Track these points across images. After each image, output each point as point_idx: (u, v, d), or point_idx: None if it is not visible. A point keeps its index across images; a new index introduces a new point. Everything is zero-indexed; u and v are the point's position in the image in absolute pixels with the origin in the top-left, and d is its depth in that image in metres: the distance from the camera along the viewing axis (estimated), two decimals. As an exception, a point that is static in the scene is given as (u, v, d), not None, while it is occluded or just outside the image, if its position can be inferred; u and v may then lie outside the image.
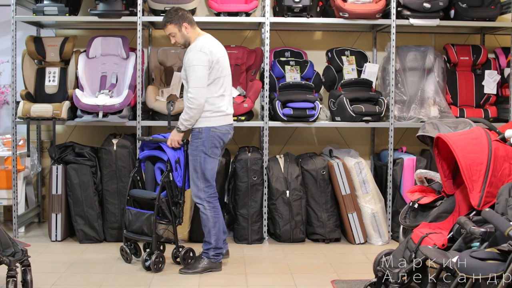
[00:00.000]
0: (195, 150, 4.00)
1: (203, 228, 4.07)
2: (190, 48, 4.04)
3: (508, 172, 3.05)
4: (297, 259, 4.42)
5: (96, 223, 4.74)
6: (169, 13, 4.09)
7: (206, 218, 4.03)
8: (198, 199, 4.04)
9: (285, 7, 4.86)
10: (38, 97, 4.98)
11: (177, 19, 4.04)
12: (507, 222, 2.52)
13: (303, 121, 4.88)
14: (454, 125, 3.70)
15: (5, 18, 5.25)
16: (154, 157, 4.28)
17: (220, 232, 4.06)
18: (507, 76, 5.17)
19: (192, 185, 4.06)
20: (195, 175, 4.01)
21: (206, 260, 4.05)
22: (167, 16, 4.08)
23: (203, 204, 4.03)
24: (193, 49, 4.00)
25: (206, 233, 4.05)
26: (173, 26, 4.05)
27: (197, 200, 4.05)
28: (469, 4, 5.03)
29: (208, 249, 4.06)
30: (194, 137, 4.02)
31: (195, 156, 4.00)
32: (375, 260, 3.49)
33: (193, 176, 4.03)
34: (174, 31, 4.06)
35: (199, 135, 3.99)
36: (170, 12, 4.09)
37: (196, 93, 3.92)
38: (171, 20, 4.05)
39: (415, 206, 3.53)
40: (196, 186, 4.02)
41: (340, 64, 5.19)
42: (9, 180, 4.88)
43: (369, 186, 4.82)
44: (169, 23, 4.05)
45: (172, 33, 4.08)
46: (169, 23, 4.05)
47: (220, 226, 4.06)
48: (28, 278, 3.26)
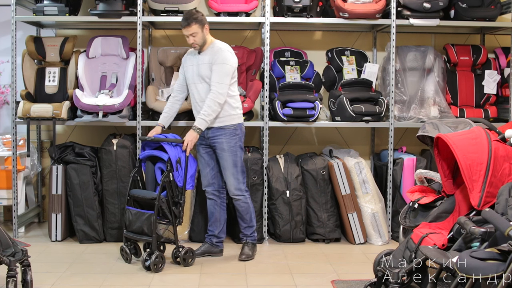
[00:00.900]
0: (233, 147, 4.25)
1: (245, 216, 4.37)
2: (219, 48, 4.20)
3: (508, 172, 3.05)
4: (297, 259, 4.42)
5: (96, 223, 4.74)
6: (192, 13, 4.17)
7: (247, 206, 4.37)
8: (239, 191, 4.31)
9: (285, 7, 4.86)
10: (38, 97, 4.98)
11: (201, 20, 4.16)
12: (507, 222, 2.52)
13: (303, 121, 4.88)
14: (454, 125, 3.70)
15: (5, 18, 5.25)
16: (155, 157, 4.28)
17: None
18: (507, 76, 5.18)
19: (232, 181, 4.28)
20: (235, 170, 4.27)
21: (253, 243, 4.44)
22: (191, 16, 4.15)
23: (244, 195, 4.35)
24: (224, 49, 4.22)
25: (249, 220, 4.39)
26: (197, 26, 4.14)
27: (237, 193, 4.31)
28: (469, 4, 5.03)
29: (252, 232, 4.43)
30: (230, 135, 4.23)
31: (234, 152, 4.26)
32: (375, 260, 3.49)
33: (233, 172, 4.27)
34: (197, 31, 4.15)
35: (235, 131, 4.26)
36: (193, 12, 4.19)
37: (223, 89, 4.16)
38: (196, 20, 4.13)
39: (415, 206, 3.53)
40: (237, 180, 4.29)
41: (340, 64, 5.19)
42: (9, 180, 4.88)
43: (369, 186, 4.82)
44: (194, 23, 4.12)
45: (194, 33, 4.15)
46: (194, 22, 4.12)
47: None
48: (28, 278, 3.26)
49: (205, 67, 4.21)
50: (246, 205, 4.36)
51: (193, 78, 4.30)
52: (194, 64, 4.30)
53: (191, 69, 4.32)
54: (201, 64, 4.24)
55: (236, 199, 4.33)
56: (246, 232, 4.42)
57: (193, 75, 4.30)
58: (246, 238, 4.43)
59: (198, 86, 4.27)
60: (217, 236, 4.43)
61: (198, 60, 4.27)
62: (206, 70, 4.20)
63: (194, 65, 4.30)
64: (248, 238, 4.43)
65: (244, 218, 4.39)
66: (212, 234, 4.43)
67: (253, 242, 4.44)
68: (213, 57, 4.18)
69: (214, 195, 4.41)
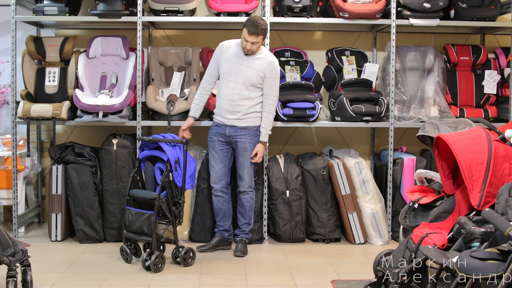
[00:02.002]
0: (254, 146, 4.45)
1: (248, 212, 4.53)
2: (272, 62, 4.40)
3: (508, 172, 3.05)
4: (297, 259, 4.42)
5: (96, 223, 4.74)
6: (262, 24, 4.27)
7: (252, 203, 4.56)
8: (250, 188, 4.52)
9: (285, 7, 4.86)
10: (38, 97, 4.98)
11: (266, 33, 4.33)
12: (507, 222, 2.52)
13: (303, 121, 4.88)
14: (454, 125, 3.70)
15: (5, 18, 5.25)
16: (154, 157, 4.28)
17: None
18: (507, 76, 5.17)
19: (248, 178, 4.47)
20: (252, 169, 4.51)
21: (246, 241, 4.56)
22: (261, 25, 4.24)
23: (253, 191, 4.55)
24: (276, 62, 4.45)
25: (249, 217, 4.55)
26: (262, 38, 4.30)
27: (249, 190, 4.50)
28: (469, 4, 5.03)
29: (250, 230, 4.59)
30: (253, 135, 4.44)
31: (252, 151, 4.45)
32: (375, 260, 3.49)
33: (250, 170, 4.48)
34: (259, 41, 4.30)
35: (257, 132, 4.46)
36: (262, 23, 4.28)
37: (277, 102, 4.52)
38: (263, 32, 4.28)
39: (415, 206, 3.53)
40: (251, 178, 4.51)
41: (340, 64, 5.19)
42: (9, 180, 4.88)
43: (369, 186, 4.82)
44: (263, 34, 4.27)
45: (256, 42, 4.28)
46: (262, 34, 4.27)
47: None
48: (28, 278, 3.26)
49: (253, 73, 4.34)
50: (252, 201, 4.54)
51: (230, 75, 4.38)
52: (237, 62, 4.37)
53: (230, 66, 4.38)
54: (247, 67, 4.34)
55: (246, 193, 4.49)
56: (245, 228, 4.55)
57: (230, 71, 4.38)
58: (242, 235, 4.54)
59: (234, 86, 4.36)
60: (227, 230, 4.56)
61: (245, 62, 4.36)
62: (253, 76, 4.34)
63: (236, 63, 4.37)
64: (245, 235, 4.55)
65: (246, 215, 4.52)
66: (224, 229, 4.55)
67: (247, 240, 4.57)
68: (268, 69, 4.35)
69: (223, 192, 4.50)
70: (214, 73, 4.50)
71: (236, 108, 4.38)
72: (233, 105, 4.38)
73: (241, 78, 4.35)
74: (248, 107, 4.39)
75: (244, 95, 4.37)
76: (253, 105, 4.40)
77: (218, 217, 4.56)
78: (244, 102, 4.38)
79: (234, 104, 4.38)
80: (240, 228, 4.56)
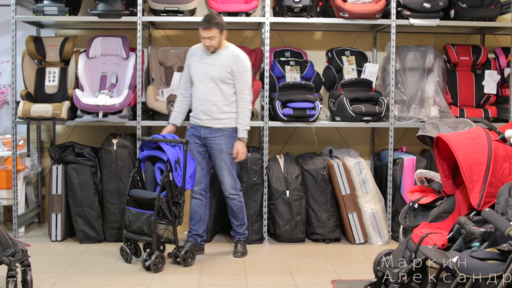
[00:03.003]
0: (231, 148, 4.32)
1: (238, 215, 4.45)
2: (238, 55, 4.29)
3: (508, 172, 3.05)
4: (297, 259, 4.42)
5: (96, 223, 4.74)
6: (214, 17, 4.21)
7: (241, 205, 4.46)
8: (235, 190, 4.40)
9: (285, 7, 4.86)
10: (38, 97, 4.98)
11: (221, 25, 4.22)
12: (507, 222, 2.52)
13: (303, 121, 4.88)
14: (454, 125, 3.70)
15: (5, 18, 5.25)
16: (154, 157, 4.28)
17: None
18: (507, 76, 5.17)
19: (229, 181, 4.36)
20: (233, 170, 4.37)
21: (245, 240, 4.53)
22: (213, 19, 4.19)
23: (239, 194, 4.45)
24: (242, 56, 4.31)
25: (241, 218, 4.48)
26: (217, 31, 4.20)
27: (233, 192, 4.39)
28: (469, 4, 5.03)
29: (244, 230, 4.52)
30: (228, 136, 4.31)
31: (231, 153, 4.32)
32: (375, 260, 3.49)
33: (231, 172, 4.36)
34: (215, 35, 4.20)
35: (233, 134, 4.33)
36: (214, 16, 4.23)
37: (251, 95, 4.35)
38: (217, 25, 4.18)
39: (415, 206, 3.53)
40: (233, 180, 4.39)
41: (340, 64, 5.19)
42: (9, 180, 4.88)
43: (369, 186, 4.82)
44: (215, 27, 4.17)
45: (212, 36, 4.19)
46: (214, 27, 4.17)
47: None
48: (28, 278, 3.26)
49: (219, 69, 4.26)
50: (240, 204, 4.45)
51: (198, 75, 4.32)
52: (203, 62, 4.32)
53: (198, 66, 4.33)
54: (213, 64, 4.28)
55: (231, 198, 4.39)
56: (239, 230, 4.50)
57: (199, 72, 4.32)
58: (239, 236, 4.51)
59: (204, 85, 4.30)
60: (200, 236, 4.44)
61: (210, 60, 4.30)
62: (220, 72, 4.25)
63: (203, 63, 4.31)
64: (241, 236, 4.51)
65: (237, 217, 4.46)
66: (196, 233, 4.43)
67: (244, 239, 4.54)
68: (233, 63, 4.25)
69: (201, 195, 4.41)
70: (187, 78, 4.43)
71: (209, 108, 4.28)
72: (206, 105, 4.28)
73: (210, 76, 4.26)
74: (222, 105, 4.27)
75: (215, 93, 4.27)
76: (227, 104, 4.28)
77: (192, 221, 4.44)
78: (216, 99, 4.27)
79: (207, 104, 4.28)
80: (234, 230, 4.51)
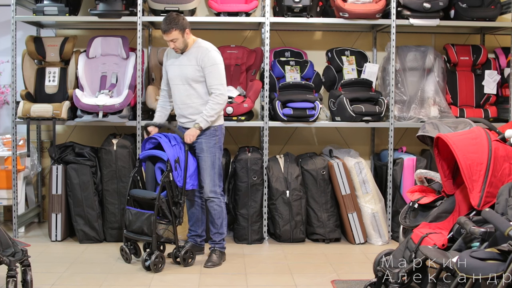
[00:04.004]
0: (212, 148, 4.20)
1: (216, 220, 4.25)
2: (205, 49, 4.14)
3: (508, 172, 3.05)
4: (297, 259, 4.42)
5: (96, 223, 4.74)
6: (172, 19, 4.07)
7: (221, 210, 4.26)
8: (214, 193, 4.23)
9: (285, 7, 4.86)
10: (38, 97, 4.98)
11: (181, 25, 4.07)
12: (507, 222, 2.52)
13: (303, 121, 4.88)
14: (454, 125, 3.70)
15: (5, 18, 5.25)
16: (155, 157, 4.28)
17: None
18: (507, 76, 5.17)
19: (208, 182, 4.20)
20: (213, 172, 4.21)
21: (221, 251, 4.30)
22: (170, 22, 4.06)
23: (219, 198, 4.26)
24: (210, 49, 4.17)
25: (219, 225, 4.26)
26: (178, 32, 4.07)
27: (212, 195, 4.22)
28: (469, 4, 5.03)
29: (221, 240, 4.29)
30: (210, 135, 4.18)
31: (213, 153, 4.20)
32: (375, 260, 3.49)
33: (210, 173, 4.20)
34: (177, 37, 4.08)
35: (215, 132, 4.21)
36: (173, 17, 4.09)
37: (223, 89, 4.15)
38: (176, 26, 4.05)
39: (415, 206, 3.53)
40: (213, 181, 4.22)
41: (340, 64, 5.19)
42: (9, 180, 4.88)
43: (369, 186, 4.82)
44: (174, 29, 4.05)
45: (174, 39, 4.09)
46: (173, 29, 4.05)
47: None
48: (28, 278, 3.26)
49: (190, 69, 4.14)
50: (220, 209, 4.25)
51: (174, 79, 4.23)
52: (175, 64, 4.22)
53: (172, 69, 4.25)
54: (184, 65, 4.17)
55: (210, 200, 4.23)
56: (215, 238, 4.28)
57: (174, 75, 4.23)
58: (214, 245, 4.28)
59: (179, 88, 4.20)
60: (200, 236, 4.43)
61: (181, 61, 4.19)
62: (191, 72, 4.13)
63: (176, 65, 4.22)
64: (217, 245, 4.28)
65: (215, 223, 4.26)
66: (196, 234, 4.43)
67: (221, 250, 4.29)
68: (201, 59, 4.11)
69: (196, 196, 4.37)
70: (166, 81, 4.37)
71: (187, 110, 4.20)
72: (184, 108, 4.20)
73: (183, 78, 4.17)
74: (199, 105, 4.16)
75: (190, 94, 4.17)
76: (204, 103, 4.15)
77: (190, 221, 4.42)
78: (192, 101, 4.17)
79: (184, 107, 4.20)
80: (211, 238, 4.31)
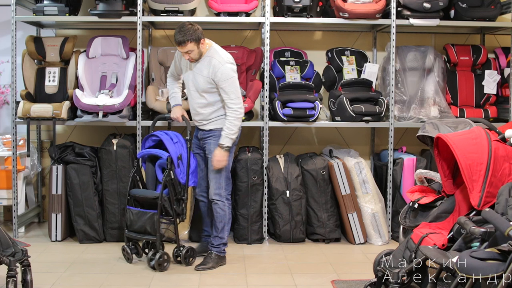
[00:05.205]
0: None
1: (217, 224, 4.18)
2: (218, 62, 4.01)
3: (508, 172, 3.05)
4: (297, 259, 4.42)
5: (96, 223, 4.74)
6: (187, 30, 3.93)
7: (224, 214, 4.18)
8: (218, 196, 4.16)
9: (285, 7, 4.86)
10: (38, 97, 4.98)
11: (196, 37, 3.95)
12: (507, 222, 2.52)
13: (303, 121, 4.88)
14: (454, 125, 3.69)
15: (5, 18, 5.25)
16: (154, 157, 4.27)
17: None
18: (507, 76, 5.18)
19: (213, 183, 4.16)
20: (218, 174, 4.14)
21: (218, 255, 4.20)
22: (185, 34, 3.91)
23: (223, 201, 4.18)
24: (222, 62, 4.02)
25: (219, 229, 4.18)
26: (193, 44, 3.96)
27: (216, 198, 4.16)
28: (469, 4, 5.03)
29: (219, 244, 4.20)
30: (218, 137, 4.10)
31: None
32: (375, 260, 3.49)
33: (216, 175, 4.15)
34: (192, 48, 3.97)
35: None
36: (187, 29, 3.93)
37: (240, 104, 4.07)
38: (191, 38, 3.92)
39: (415, 206, 3.53)
40: (218, 184, 4.15)
41: (340, 64, 5.19)
42: (9, 180, 4.88)
43: (369, 186, 4.82)
44: (189, 41, 3.92)
45: (189, 50, 3.97)
46: (189, 41, 3.92)
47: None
48: (28, 278, 3.26)
49: (201, 79, 4.08)
50: (222, 213, 4.17)
51: (187, 82, 4.20)
52: (188, 68, 4.18)
53: (186, 72, 4.20)
54: (197, 73, 4.11)
55: (213, 202, 4.17)
56: (214, 241, 4.20)
57: (188, 79, 4.19)
58: (212, 248, 4.20)
59: (192, 94, 4.18)
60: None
61: (194, 67, 4.13)
62: (202, 82, 4.07)
63: (189, 70, 4.18)
64: (214, 248, 4.19)
65: (216, 226, 4.19)
66: (208, 234, 4.43)
67: (218, 253, 4.19)
68: (214, 73, 4.01)
69: (203, 197, 4.38)
70: (175, 72, 4.34)
71: (198, 116, 4.20)
72: (194, 114, 4.21)
73: (194, 86, 4.13)
74: (210, 112, 4.14)
75: (201, 103, 4.13)
76: (215, 110, 4.13)
77: (204, 222, 4.42)
78: (204, 110, 4.14)
79: (195, 113, 4.20)
80: (210, 241, 4.26)
